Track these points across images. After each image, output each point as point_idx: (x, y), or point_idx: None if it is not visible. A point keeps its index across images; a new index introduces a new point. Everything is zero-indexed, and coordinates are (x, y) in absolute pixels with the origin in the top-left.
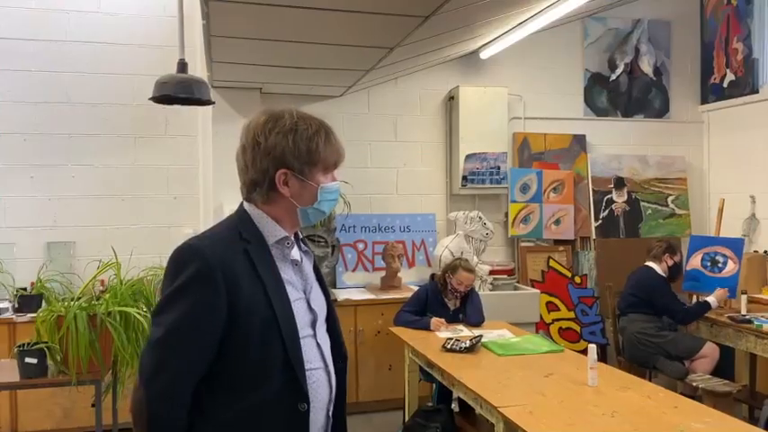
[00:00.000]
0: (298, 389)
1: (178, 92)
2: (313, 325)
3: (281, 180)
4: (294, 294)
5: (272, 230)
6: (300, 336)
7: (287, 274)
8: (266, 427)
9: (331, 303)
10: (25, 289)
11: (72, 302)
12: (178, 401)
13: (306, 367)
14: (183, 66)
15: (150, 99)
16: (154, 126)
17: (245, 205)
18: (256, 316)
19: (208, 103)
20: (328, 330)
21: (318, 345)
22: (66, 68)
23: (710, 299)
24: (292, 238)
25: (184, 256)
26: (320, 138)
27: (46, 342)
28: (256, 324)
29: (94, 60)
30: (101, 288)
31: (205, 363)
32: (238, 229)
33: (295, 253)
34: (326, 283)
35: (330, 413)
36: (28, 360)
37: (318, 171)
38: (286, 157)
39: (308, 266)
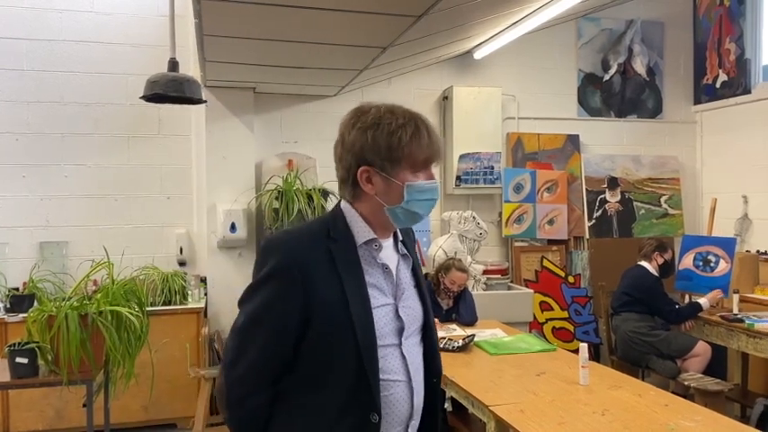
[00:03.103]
0: (369, 399)
1: (169, 90)
2: (399, 334)
3: (363, 177)
4: (380, 299)
5: (361, 231)
6: (381, 344)
7: (373, 277)
8: (337, 430)
9: (429, 313)
10: (17, 289)
11: (63, 302)
12: (256, 387)
13: (383, 377)
14: (173, 64)
15: (141, 98)
16: (147, 126)
17: (342, 203)
18: (331, 317)
19: (199, 101)
20: (424, 342)
21: (403, 356)
22: (59, 68)
23: (702, 300)
24: (381, 241)
25: (265, 250)
26: (405, 133)
27: (37, 342)
28: (330, 325)
29: (88, 60)
30: (93, 288)
31: (283, 353)
32: (328, 226)
33: (385, 256)
34: (426, 292)
35: (409, 429)
36: (19, 360)
37: (404, 169)
38: (365, 153)
39: (404, 271)
